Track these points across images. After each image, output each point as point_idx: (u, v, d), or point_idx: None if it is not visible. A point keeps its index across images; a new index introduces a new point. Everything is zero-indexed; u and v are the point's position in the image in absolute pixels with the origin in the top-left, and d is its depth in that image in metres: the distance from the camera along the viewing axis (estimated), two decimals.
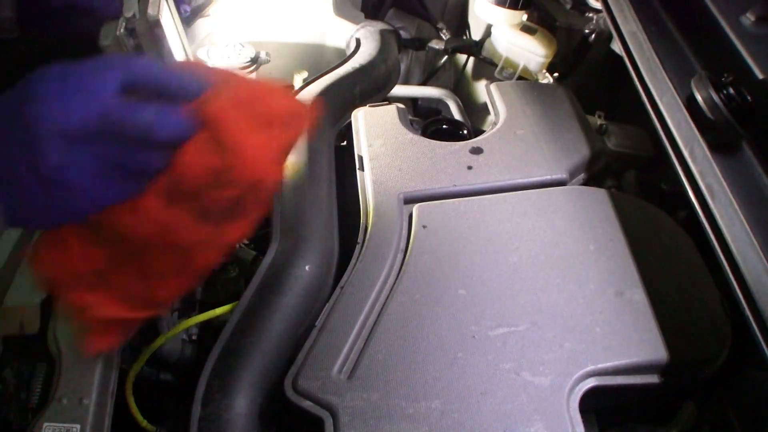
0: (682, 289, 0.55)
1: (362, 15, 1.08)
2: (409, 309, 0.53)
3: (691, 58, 0.57)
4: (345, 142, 0.81)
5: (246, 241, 0.77)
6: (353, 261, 0.59)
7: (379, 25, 0.95)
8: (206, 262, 0.45)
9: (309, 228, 0.61)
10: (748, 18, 0.53)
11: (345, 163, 0.74)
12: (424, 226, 0.60)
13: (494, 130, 0.73)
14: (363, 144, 0.71)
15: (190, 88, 0.42)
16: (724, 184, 0.46)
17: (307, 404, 0.47)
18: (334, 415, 0.46)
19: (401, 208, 0.64)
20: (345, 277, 0.57)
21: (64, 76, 0.38)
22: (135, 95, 0.40)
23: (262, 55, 0.92)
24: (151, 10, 0.71)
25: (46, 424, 0.53)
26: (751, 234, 0.43)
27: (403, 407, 0.47)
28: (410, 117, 0.79)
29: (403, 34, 1.03)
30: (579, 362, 0.49)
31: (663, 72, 0.57)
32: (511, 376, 0.48)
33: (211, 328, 0.69)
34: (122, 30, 0.70)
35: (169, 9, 0.79)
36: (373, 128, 0.72)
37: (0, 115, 0.39)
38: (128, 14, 0.71)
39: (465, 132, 0.78)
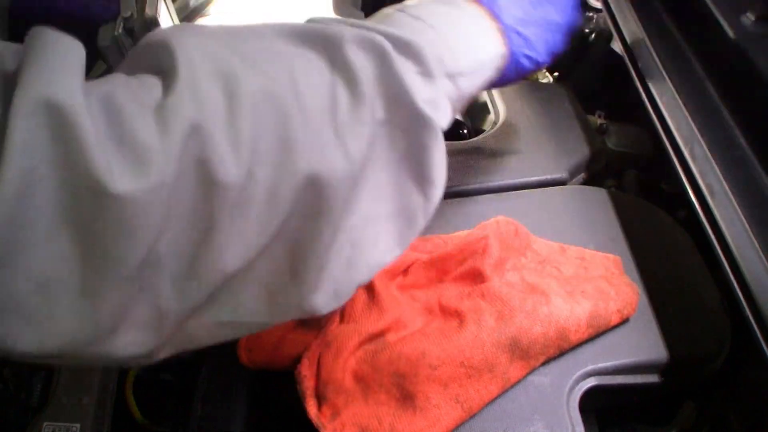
0: (682, 289, 0.55)
1: (362, 14, 1.07)
2: None
3: (691, 57, 0.57)
4: None
5: None
6: None
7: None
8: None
9: None
10: (748, 18, 0.53)
11: None
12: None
13: (494, 129, 0.73)
14: None
15: None
16: (724, 183, 0.46)
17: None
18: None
19: None
20: None
21: None
22: None
23: None
24: (148, 10, 0.71)
25: (46, 424, 0.53)
26: (751, 234, 0.42)
27: None
28: None
29: None
30: (579, 362, 0.49)
31: (663, 71, 0.57)
32: None
33: None
34: (120, 30, 0.70)
35: (167, 8, 0.79)
36: None
37: None
38: (126, 14, 0.71)
39: (465, 132, 0.78)
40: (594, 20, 0.89)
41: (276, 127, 0.30)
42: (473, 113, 0.99)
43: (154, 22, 0.71)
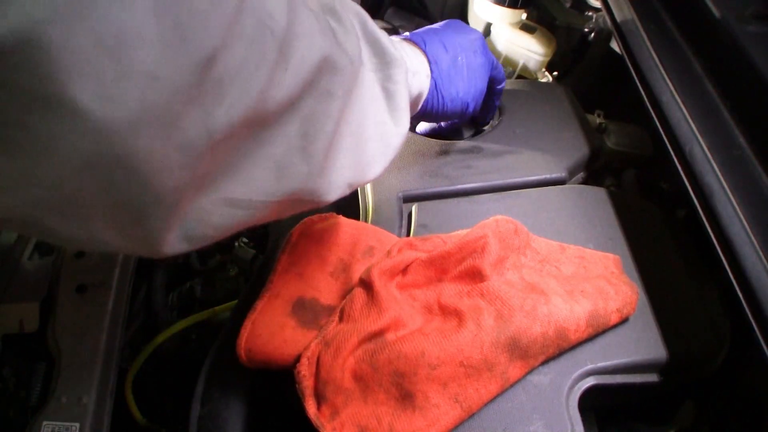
0: (682, 288, 0.55)
1: None
2: None
3: (691, 56, 0.57)
4: None
5: (245, 240, 0.77)
6: None
7: (379, 24, 0.95)
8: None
9: None
10: (749, 18, 0.53)
11: None
12: (424, 226, 0.60)
13: (493, 129, 0.73)
14: None
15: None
16: (724, 183, 0.46)
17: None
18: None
19: (401, 207, 0.64)
20: None
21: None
22: None
23: None
24: None
25: (45, 423, 0.53)
26: (751, 234, 0.43)
27: None
28: None
29: (403, 32, 1.03)
30: (578, 361, 0.49)
31: (663, 70, 0.57)
32: None
33: (210, 327, 0.69)
34: None
35: None
36: None
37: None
38: None
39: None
40: (594, 20, 0.89)
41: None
42: None
43: None
